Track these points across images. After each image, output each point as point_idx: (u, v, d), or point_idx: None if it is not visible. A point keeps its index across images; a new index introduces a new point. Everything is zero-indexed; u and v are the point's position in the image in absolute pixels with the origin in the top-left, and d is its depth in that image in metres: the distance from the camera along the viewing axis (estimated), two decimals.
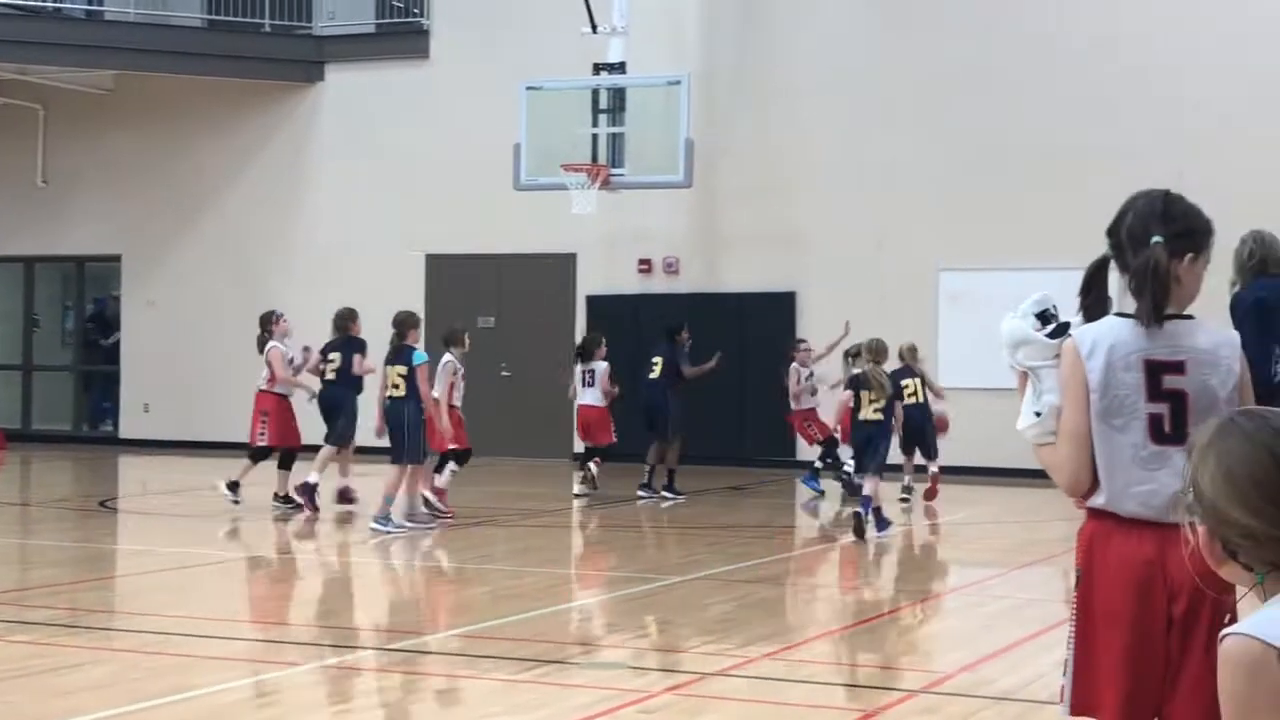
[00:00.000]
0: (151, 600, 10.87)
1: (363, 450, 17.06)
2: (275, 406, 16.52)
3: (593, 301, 23.11)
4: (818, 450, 18.47)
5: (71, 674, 8.07)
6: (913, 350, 17.41)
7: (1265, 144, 19.75)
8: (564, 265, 23.40)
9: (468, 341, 16.10)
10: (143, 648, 8.79)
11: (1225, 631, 2.50)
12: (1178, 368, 4.17)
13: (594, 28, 20.97)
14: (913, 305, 20.90)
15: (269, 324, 16.93)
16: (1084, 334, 4.21)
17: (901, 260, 21.46)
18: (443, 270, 24.15)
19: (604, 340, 18.30)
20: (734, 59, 22.60)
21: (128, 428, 26.04)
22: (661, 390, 17.82)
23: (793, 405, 18.56)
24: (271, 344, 16.61)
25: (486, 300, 23.66)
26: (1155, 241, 4.16)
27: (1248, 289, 8.24)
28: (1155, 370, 4.17)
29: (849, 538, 14.15)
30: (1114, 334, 4.19)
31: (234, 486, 16.31)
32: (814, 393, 18.48)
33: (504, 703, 7.50)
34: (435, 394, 15.01)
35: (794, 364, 18.49)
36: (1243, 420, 2.60)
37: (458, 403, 15.64)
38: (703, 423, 21.75)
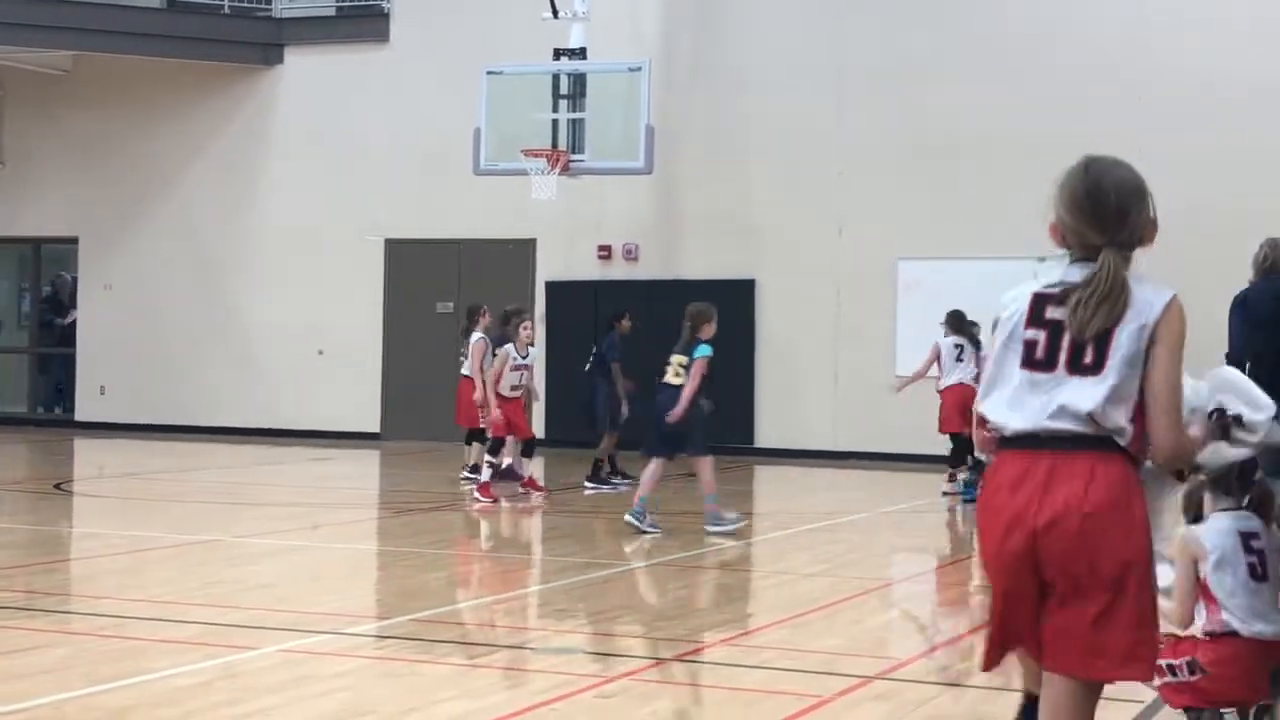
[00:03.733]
0: (107, 583, 10.84)
1: None
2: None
3: (552, 287, 23.11)
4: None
5: (27, 657, 8.04)
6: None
7: (1224, 137, 19.87)
8: (524, 251, 23.39)
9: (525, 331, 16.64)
10: (99, 631, 8.77)
11: None
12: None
13: (555, 13, 20.95)
14: (871, 294, 20.97)
15: (475, 315, 17.39)
16: None
17: (860, 249, 21.52)
18: (402, 255, 24.11)
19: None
20: (695, 46, 22.61)
21: (83, 410, 25.92)
22: (590, 379, 17.58)
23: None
24: (477, 336, 17.01)
25: (446, 285, 23.62)
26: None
27: (1242, 290, 9.24)
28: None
29: (806, 524, 14.18)
30: None
31: (476, 469, 16.90)
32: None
33: (460, 688, 7.51)
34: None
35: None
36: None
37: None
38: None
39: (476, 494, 15.91)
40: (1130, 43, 20.45)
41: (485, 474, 15.96)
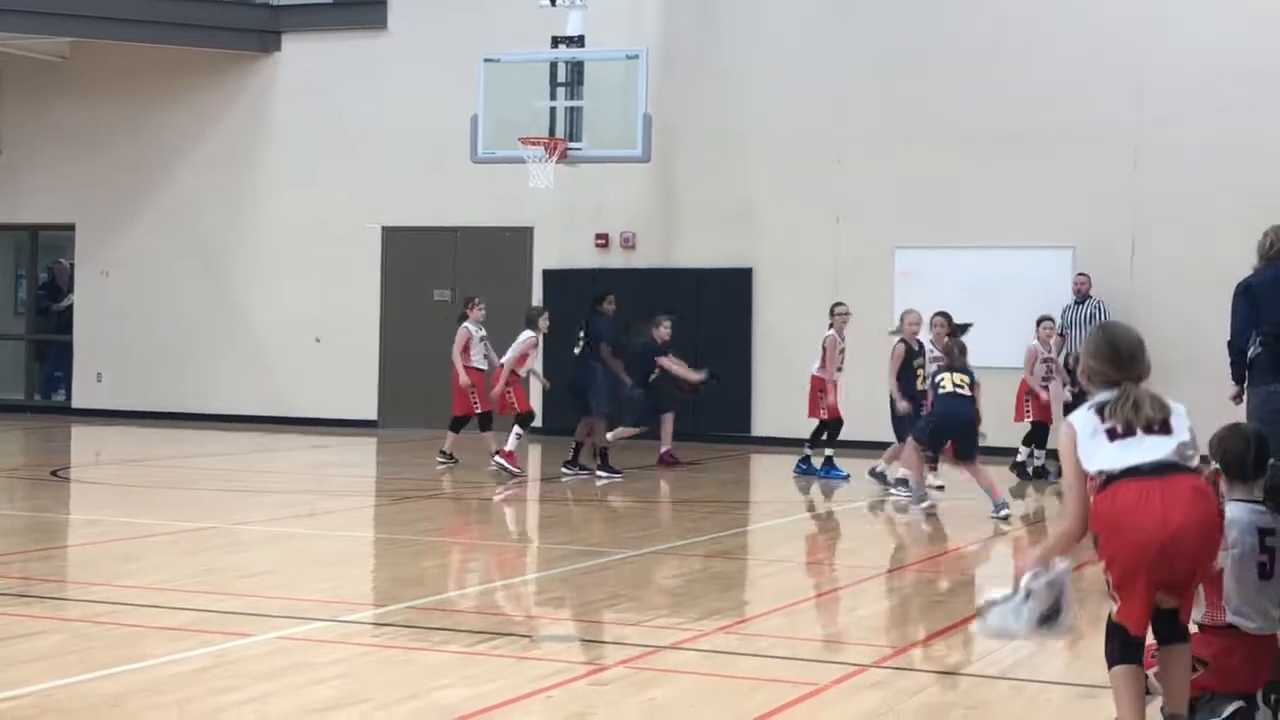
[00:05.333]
0: (103, 570, 10.84)
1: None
2: (479, 379, 18.17)
3: (549, 275, 23.09)
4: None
5: (22, 644, 8.05)
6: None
7: (1224, 128, 19.85)
8: (521, 239, 23.37)
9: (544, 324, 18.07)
10: (94, 617, 8.77)
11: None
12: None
13: (553, 1, 20.92)
14: (868, 283, 20.96)
15: (466, 307, 18.52)
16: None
17: (858, 237, 21.51)
18: (399, 243, 24.10)
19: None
20: (693, 34, 22.58)
21: (80, 397, 25.91)
22: (585, 363, 17.50)
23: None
24: (463, 325, 18.29)
25: (442, 273, 23.61)
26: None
27: (1245, 277, 9.50)
28: None
29: (803, 513, 14.20)
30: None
31: (449, 456, 18.21)
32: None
33: (456, 675, 7.52)
34: (502, 361, 17.75)
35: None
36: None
37: (522, 372, 17.82)
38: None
39: (504, 463, 17.20)
40: (1129, 36, 20.42)
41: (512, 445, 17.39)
